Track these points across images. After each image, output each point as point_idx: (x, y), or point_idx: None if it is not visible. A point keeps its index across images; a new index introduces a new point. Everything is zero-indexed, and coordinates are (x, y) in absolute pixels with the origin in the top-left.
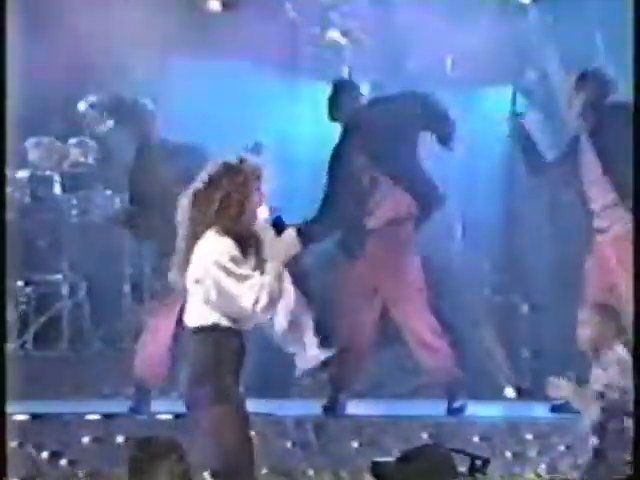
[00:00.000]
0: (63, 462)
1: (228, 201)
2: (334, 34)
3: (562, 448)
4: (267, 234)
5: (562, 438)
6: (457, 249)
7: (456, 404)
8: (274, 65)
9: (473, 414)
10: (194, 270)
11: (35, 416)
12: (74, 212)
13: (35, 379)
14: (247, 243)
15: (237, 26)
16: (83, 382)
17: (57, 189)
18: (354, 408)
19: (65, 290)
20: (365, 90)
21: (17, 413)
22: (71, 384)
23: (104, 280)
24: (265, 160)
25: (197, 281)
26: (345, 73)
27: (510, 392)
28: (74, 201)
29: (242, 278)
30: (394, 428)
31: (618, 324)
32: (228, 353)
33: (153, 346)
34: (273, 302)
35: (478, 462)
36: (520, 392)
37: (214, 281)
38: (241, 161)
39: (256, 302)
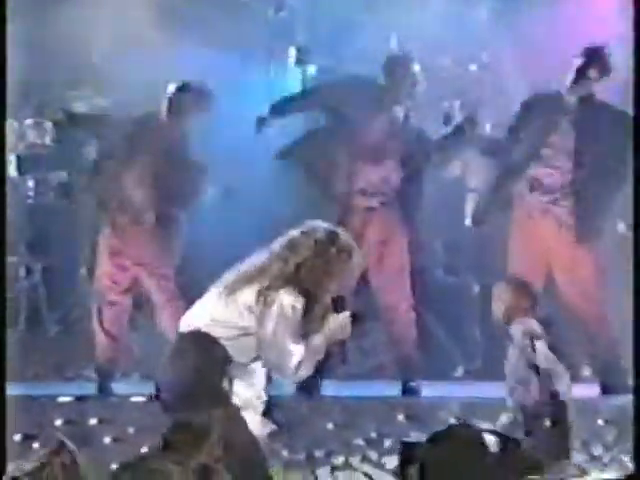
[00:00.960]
0: (36, 445)
1: (316, 267)
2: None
3: None
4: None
5: None
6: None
7: (412, 384)
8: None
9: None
10: (249, 299)
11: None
12: (30, 193)
13: None
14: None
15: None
16: (43, 364)
17: (13, 170)
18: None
19: (22, 272)
20: (313, 71)
21: None
22: (32, 366)
23: (60, 262)
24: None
25: (250, 310)
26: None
27: (460, 371)
28: (30, 183)
29: (297, 339)
30: (368, 409)
31: (531, 299)
32: (221, 363)
33: (114, 329)
34: (308, 367)
35: (510, 445)
36: (469, 372)
37: (273, 325)
38: (337, 236)
39: (299, 363)
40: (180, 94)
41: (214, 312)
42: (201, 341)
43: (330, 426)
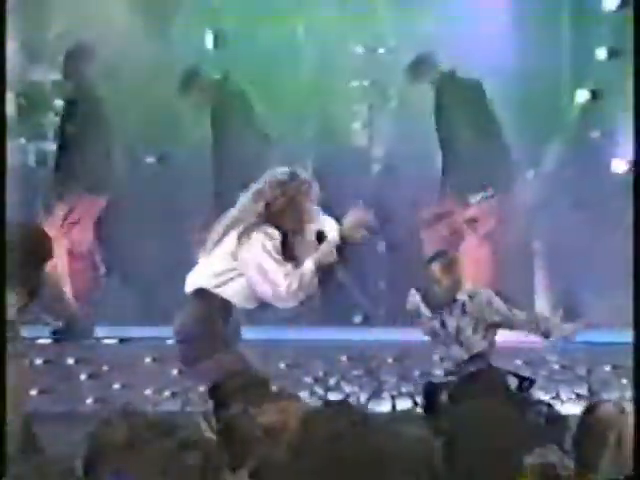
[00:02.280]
0: None
1: (281, 205)
2: None
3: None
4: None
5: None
6: None
7: None
8: None
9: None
10: (231, 245)
11: None
12: None
13: None
14: (288, 243)
15: None
16: None
17: None
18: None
19: None
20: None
21: None
22: None
23: None
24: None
25: (232, 254)
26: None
27: (358, 319)
28: None
29: (282, 263)
30: (311, 352)
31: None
32: (222, 312)
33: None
34: (302, 290)
35: (525, 383)
36: (367, 319)
37: (255, 261)
38: (296, 175)
39: (290, 285)
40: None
41: (207, 268)
42: (200, 296)
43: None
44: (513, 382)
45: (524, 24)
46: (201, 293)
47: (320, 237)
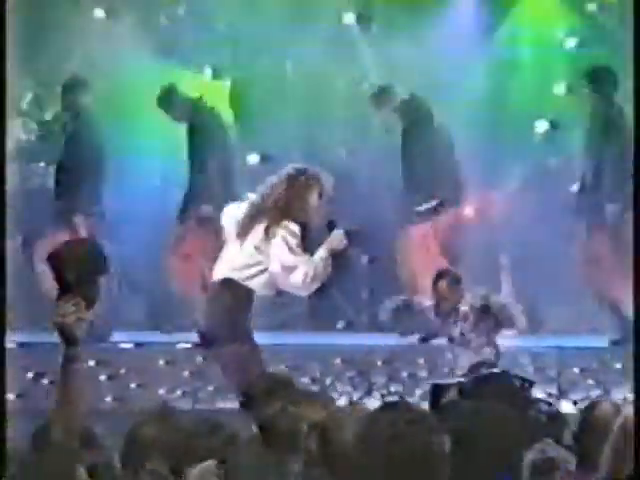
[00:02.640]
0: (45, 381)
1: (292, 197)
2: None
3: None
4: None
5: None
6: None
7: None
8: None
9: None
10: (257, 240)
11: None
12: None
13: None
14: (303, 234)
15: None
16: None
17: None
18: None
19: None
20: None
21: None
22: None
23: None
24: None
25: (258, 248)
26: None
27: (341, 325)
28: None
29: (301, 256)
30: (308, 355)
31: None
32: (246, 301)
33: None
34: (318, 278)
35: (526, 384)
36: (350, 324)
37: (279, 257)
38: (305, 170)
39: (306, 274)
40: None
41: (235, 259)
42: (227, 286)
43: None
44: (517, 383)
45: (493, 59)
46: (228, 283)
47: (330, 226)
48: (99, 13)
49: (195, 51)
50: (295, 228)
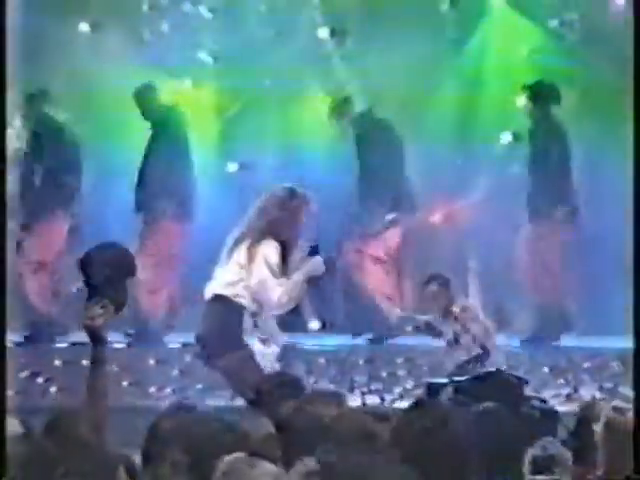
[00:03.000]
0: (40, 380)
1: (282, 219)
2: None
3: None
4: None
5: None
6: None
7: None
8: None
9: None
10: (241, 258)
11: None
12: None
13: None
14: (286, 253)
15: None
16: None
17: None
18: None
19: None
20: None
21: None
22: None
23: None
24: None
25: (241, 266)
26: None
27: (315, 325)
28: None
29: (277, 276)
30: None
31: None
32: (237, 314)
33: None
34: (292, 300)
35: (520, 382)
36: (325, 325)
37: (258, 274)
38: (293, 191)
39: (281, 296)
40: None
41: (223, 277)
42: (217, 302)
43: None
44: (513, 381)
45: (461, 73)
46: (218, 299)
47: (313, 251)
48: (84, 27)
49: (178, 63)
50: (274, 247)
